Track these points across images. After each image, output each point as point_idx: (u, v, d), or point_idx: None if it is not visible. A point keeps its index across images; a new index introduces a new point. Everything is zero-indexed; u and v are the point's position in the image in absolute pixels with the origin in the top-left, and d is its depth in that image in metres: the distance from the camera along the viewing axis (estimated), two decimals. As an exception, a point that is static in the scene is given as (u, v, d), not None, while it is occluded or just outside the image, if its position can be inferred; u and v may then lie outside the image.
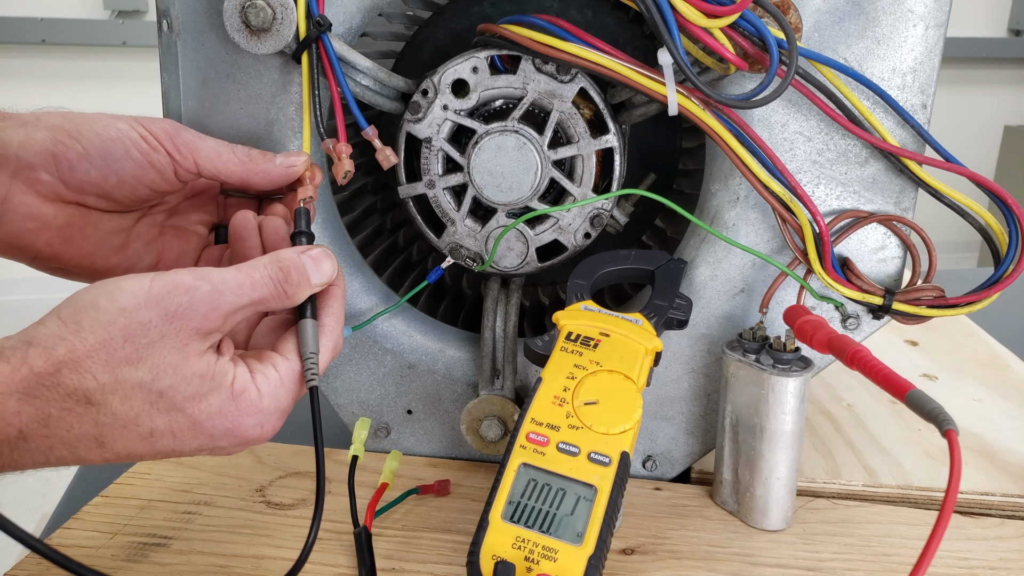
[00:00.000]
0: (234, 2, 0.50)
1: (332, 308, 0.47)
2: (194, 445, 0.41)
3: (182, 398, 0.39)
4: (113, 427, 0.38)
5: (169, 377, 0.39)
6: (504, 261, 0.60)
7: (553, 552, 0.43)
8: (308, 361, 0.44)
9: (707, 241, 0.58)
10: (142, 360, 0.38)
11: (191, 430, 0.40)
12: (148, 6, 3.11)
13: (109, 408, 0.38)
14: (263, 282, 0.43)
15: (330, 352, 0.46)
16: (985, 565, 0.53)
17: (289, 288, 0.44)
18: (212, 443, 0.41)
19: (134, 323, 0.38)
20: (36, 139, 0.46)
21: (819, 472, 0.63)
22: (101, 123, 0.47)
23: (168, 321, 0.39)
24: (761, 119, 0.54)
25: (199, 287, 0.40)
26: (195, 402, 0.40)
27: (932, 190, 0.53)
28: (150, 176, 0.49)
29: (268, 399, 0.42)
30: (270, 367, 0.43)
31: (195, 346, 0.40)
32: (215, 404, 0.40)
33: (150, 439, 0.39)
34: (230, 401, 0.41)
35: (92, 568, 0.38)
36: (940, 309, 0.54)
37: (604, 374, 0.49)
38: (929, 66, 0.53)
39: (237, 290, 0.41)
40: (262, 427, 0.42)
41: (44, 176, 0.46)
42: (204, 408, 0.40)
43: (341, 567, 0.52)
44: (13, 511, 0.35)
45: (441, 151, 0.57)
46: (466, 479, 0.62)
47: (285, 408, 0.43)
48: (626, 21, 0.61)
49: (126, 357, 0.38)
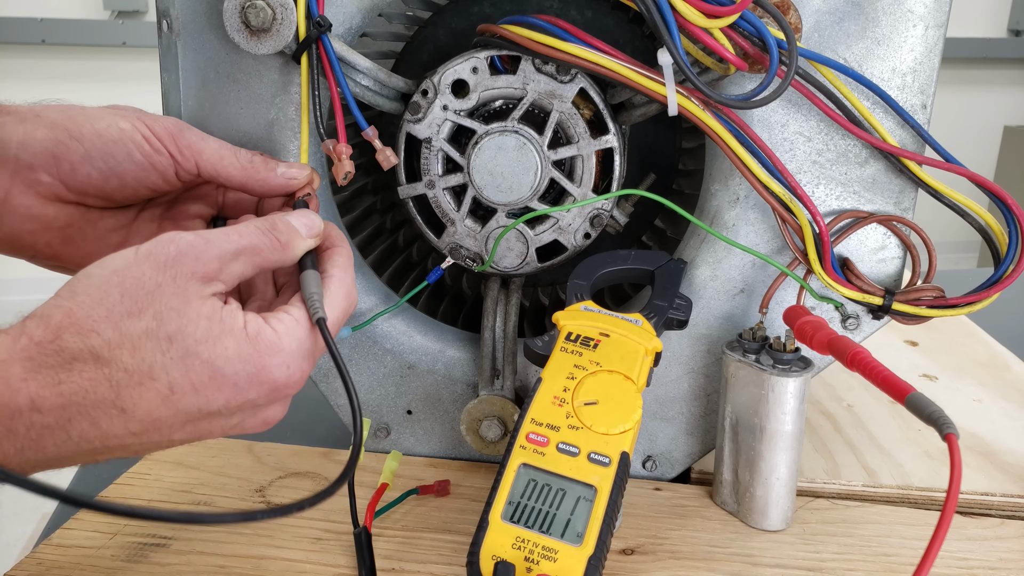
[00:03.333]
0: (234, 2, 0.50)
1: (337, 260, 0.46)
2: (220, 401, 0.38)
3: (193, 341, 0.37)
4: (129, 385, 0.36)
5: (175, 320, 0.37)
6: (504, 261, 0.60)
7: (553, 552, 0.43)
8: (310, 300, 0.42)
9: (707, 241, 0.58)
10: (143, 310, 0.37)
11: (212, 380, 0.38)
12: (148, 6, 3.11)
13: (120, 363, 0.36)
14: (250, 231, 0.42)
15: (342, 298, 0.45)
16: (985, 565, 0.53)
17: (280, 235, 0.43)
18: (241, 396, 0.39)
19: (128, 279, 0.37)
20: (36, 138, 0.45)
21: (819, 472, 0.63)
22: (103, 122, 0.46)
23: (162, 270, 0.38)
24: (761, 119, 0.54)
25: (184, 236, 0.39)
26: (208, 345, 0.37)
27: (932, 190, 0.53)
28: (151, 178, 0.48)
29: (287, 338, 0.40)
30: (282, 312, 0.41)
31: (195, 290, 0.38)
32: (231, 347, 0.38)
33: (171, 397, 0.37)
34: (247, 343, 0.39)
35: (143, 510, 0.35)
36: (940, 309, 0.54)
37: (604, 374, 0.49)
38: (929, 66, 0.53)
39: (223, 236, 0.40)
40: (288, 368, 0.40)
41: (44, 177, 0.46)
42: (220, 351, 0.38)
43: (341, 567, 0.52)
44: (13, 511, 0.35)
45: (441, 151, 0.57)
46: (466, 479, 0.62)
47: (308, 349, 0.41)
48: (626, 21, 0.61)
49: (126, 310, 0.36)
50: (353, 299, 0.46)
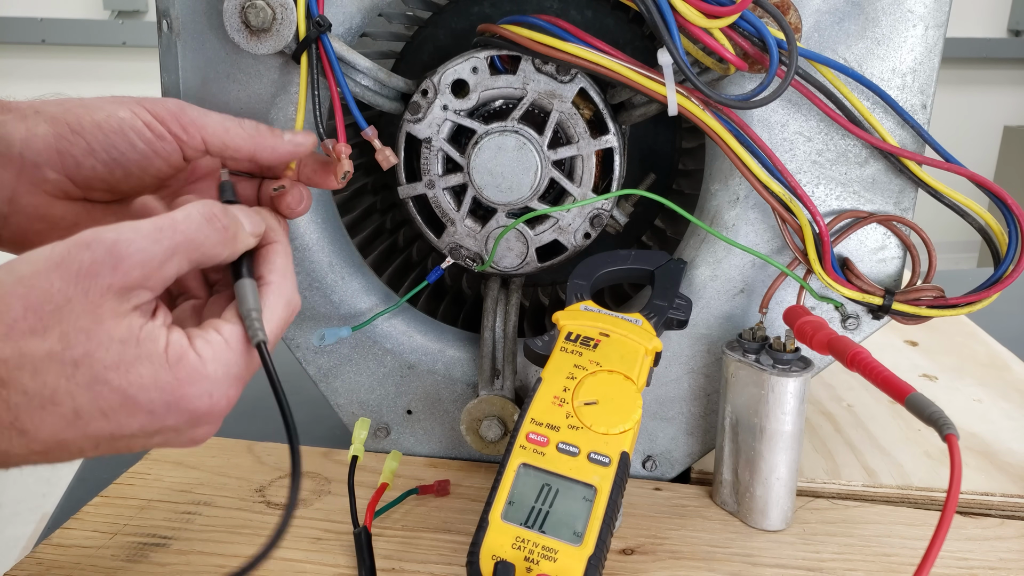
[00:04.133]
0: (234, 2, 0.50)
1: (276, 264, 0.42)
2: (135, 426, 0.35)
3: (102, 367, 0.34)
4: (29, 409, 0.33)
5: (82, 344, 0.33)
6: (504, 261, 0.60)
7: (553, 552, 0.43)
8: (248, 318, 0.39)
9: (707, 241, 0.58)
10: (48, 329, 0.33)
11: (124, 407, 0.35)
12: (148, 6, 3.11)
13: (19, 386, 0.33)
14: (189, 219, 0.38)
15: (282, 308, 0.41)
16: (985, 565, 0.53)
17: (227, 224, 0.39)
18: (157, 422, 0.36)
19: (34, 291, 0.33)
20: (39, 135, 0.44)
21: (819, 472, 0.63)
22: (102, 113, 0.45)
23: (73, 282, 0.34)
24: (761, 119, 0.54)
25: (103, 239, 0.35)
26: (120, 372, 0.34)
27: (932, 190, 0.53)
28: (156, 165, 0.46)
29: (213, 364, 0.37)
30: (212, 331, 0.38)
31: (110, 306, 0.34)
32: (147, 374, 0.35)
33: (77, 421, 0.34)
34: (165, 369, 0.35)
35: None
36: (940, 309, 0.54)
37: (604, 374, 0.49)
38: (929, 66, 0.53)
39: (154, 235, 0.36)
40: (211, 396, 0.37)
41: (50, 174, 0.45)
42: (134, 379, 0.34)
43: (341, 567, 0.52)
44: (13, 511, 0.35)
45: (441, 151, 0.57)
46: (466, 479, 0.62)
47: (236, 374, 0.38)
48: (626, 21, 0.61)
49: (29, 327, 0.33)
50: (294, 307, 0.43)
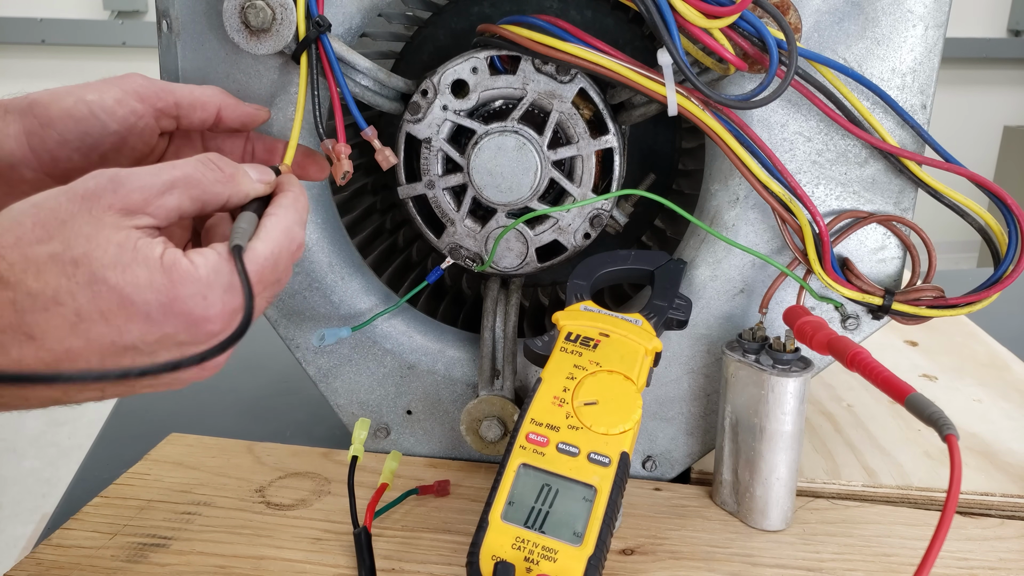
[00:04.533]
0: (234, 2, 0.50)
1: (281, 201, 0.43)
2: (135, 333, 0.36)
3: (100, 265, 0.35)
4: (33, 310, 0.35)
5: (82, 245, 0.35)
6: (504, 261, 0.60)
7: (553, 552, 0.43)
8: (233, 231, 0.40)
9: (707, 241, 0.58)
10: (52, 237, 0.35)
11: (121, 308, 0.36)
12: (148, 6, 3.11)
13: (24, 287, 0.35)
14: (188, 162, 0.40)
15: (280, 233, 0.42)
16: (985, 565, 0.53)
17: (224, 167, 0.41)
18: (156, 329, 0.36)
19: (44, 209, 0.36)
20: (10, 135, 0.44)
21: (819, 472, 0.63)
22: (70, 99, 0.45)
23: (78, 202, 0.36)
24: (761, 119, 0.54)
25: (106, 171, 0.37)
26: (117, 271, 0.35)
27: (932, 190, 0.53)
28: (131, 144, 0.47)
29: (204, 269, 0.37)
30: (206, 248, 0.39)
31: (111, 220, 0.36)
32: (142, 275, 0.36)
33: (79, 324, 0.35)
34: (160, 272, 0.36)
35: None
36: (940, 309, 0.54)
37: (604, 374, 0.49)
38: (929, 66, 0.53)
39: (154, 170, 0.38)
40: (205, 298, 0.37)
41: (28, 173, 0.45)
42: (130, 279, 0.36)
43: (341, 567, 0.52)
44: (13, 511, 0.35)
45: (441, 151, 0.57)
46: (466, 479, 0.62)
47: (229, 283, 0.38)
48: (626, 21, 0.61)
49: (36, 237, 0.35)
50: (294, 237, 0.43)
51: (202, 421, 0.73)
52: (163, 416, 0.75)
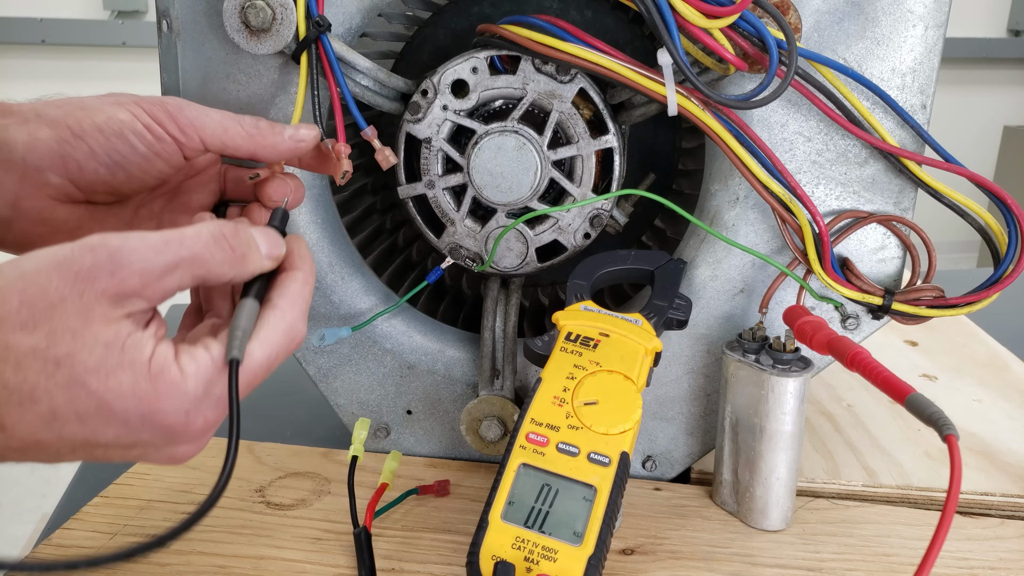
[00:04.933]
0: (234, 2, 0.50)
1: (289, 289, 0.42)
2: (110, 435, 0.35)
3: (83, 369, 0.34)
4: (8, 404, 0.33)
5: (67, 344, 0.34)
6: (504, 261, 0.60)
7: (553, 552, 0.43)
8: (231, 335, 0.38)
9: (707, 241, 0.58)
10: (38, 325, 0.33)
11: (99, 413, 0.35)
12: (148, 6, 3.11)
13: (1, 379, 0.33)
14: (198, 236, 0.37)
15: (281, 335, 0.40)
16: (985, 565, 0.53)
17: (238, 244, 0.39)
18: (131, 435, 0.36)
19: (32, 286, 0.34)
20: (41, 139, 0.44)
21: (819, 472, 0.63)
22: (102, 116, 0.45)
23: (70, 283, 0.34)
24: (761, 119, 0.54)
25: (108, 244, 0.35)
26: (99, 377, 0.34)
27: (932, 190, 0.53)
28: (157, 166, 0.46)
29: (193, 380, 0.36)
30: (200, 349, 0.37)
31: (102, 311, 0.34)
32: (126, 382, 0.34)
33: (53, 422, 0.34)
34: (145, 380, 0.35)
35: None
36: (940, 309, 0.54)
37: (604, 374, 0.49)
38: (929, 66, 0.53)
39: (159, 247, 0.36)
40: (187, 415, 0.36)
41: (53, 179, 0.45)
42: (112, 386, 0.34)
43: (341, 567, 0.52)
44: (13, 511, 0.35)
45: (441, 151, 0.57)
46: (466, 479, 0.62)
47: (218, 395, 0.37)
48: (626, 21, 0.61)
49: (21, 322, 0.33)
50: (296, 336, 0.41)
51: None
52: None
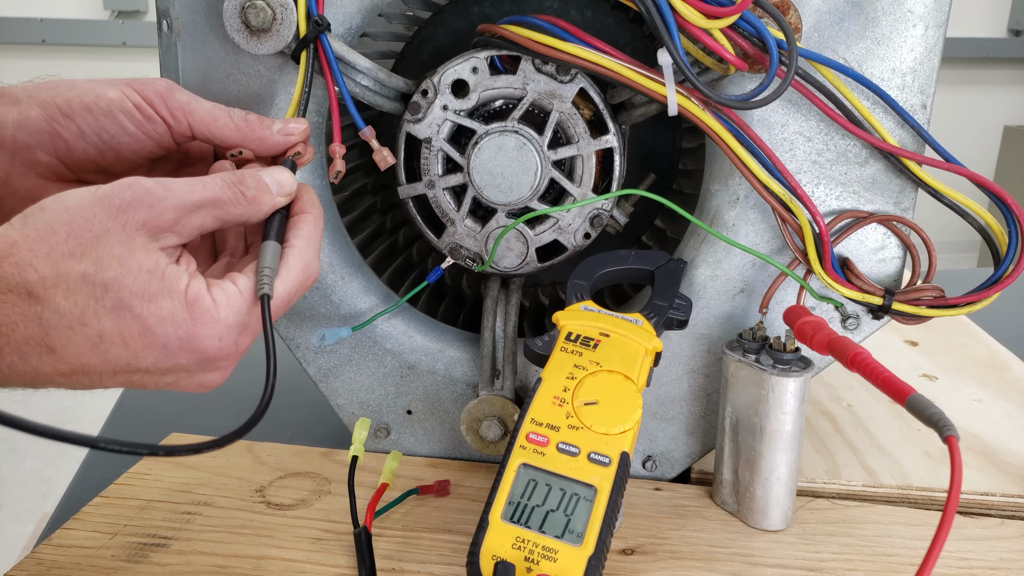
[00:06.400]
0: (234, 2, 0.50)
1: (303, 231, 0.45)
2: (150, 359, 0.38)
3: (128, 293, 0.37)
4: (59, 327, 0.36)
5: (114, 269, 0.37)
6: (504, 261, 0.60)
7: (553, 552, 0.43)
8: (261, 273, 0.42)
9: (707, 241, 0.58)
10: (86, 253, 0.36)
11: (142, 336, 0.38)
12: (148, 6, 3.11)
13: (52, 304, 0.36)
14: (214, 182, 0.41)
15: (299, 271, 0.44)
16: (985, 565, 0.53)
17: (247, 190, 0.42)
18: (169, 359, 0.39)
19: (78, 218, 0.37)
20: (31, 118, 0.45)
21: (819, 472, 0.63)
22: (91, 95, 0.46)
23: (113, 215, 0.37)
24: (761, 119, 0.54)
25: (143, 182, 0.39)
26: (143, 301, 0.37)
27: (932, 190, 0.53)
28: (147, 147, 0.47)
29: (225, 309, 0.40)
30: (228, 282, 0.41)
31: (142, 241, 0.38)
32: (166, 308, 0.38)
33: (100, 345, 0.37)
34: (183, 307, 0.38)
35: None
36: (940, 309, 0.54)
37: (604, 374, 0.49)
38: (929, 66, 0.53)
39: (186, 188, 0.40)
40: (220, 340, 0.40)
41: (43, 157, 0.45)
42: (154, 310, 0.38)
43: (341, 567, 0.52)
44: (13, 511, 0.35)
45: (441, 151, 0.57)
46: (466, 479, 0.62)
47: (246, 323, 0.41)
48: (626, 21, 0.61)
49: (69, 251, 0.36)
50: (312, 272, 0.45)
51: (202, 421, 0.72)
52: (163, 416, 0.75)
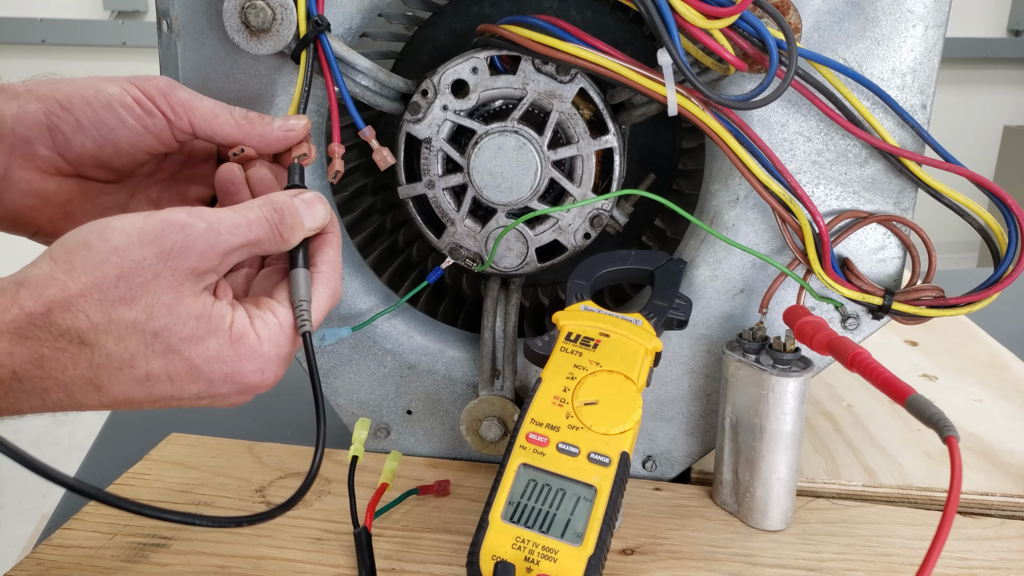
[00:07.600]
0: (234, 2, 0.50)
1: (327, 255, 0.46)
2: (193, 391, 0.40)
3: (178, 339, 0.38)
4: (108, 369, 0.37)
5: (164, 317, 0.38)
6: (504, 261, 0.60)
7: (553, 552, 0.43)
8: (299, 308, 0.43)
9: (707, 241, 0.58)
10: (136, 300, 0.37)
11: (189, 374, 0.39)
12: (148, 6, 3.11)
13: (103, 349, 0.37)
14: (258, 222, 0.42)
15: (327, 299, 0.45)
16: (985, 565, 0.53)
17: (284, 230, 0.43)
18: (211, 389, 0.40)
19: (127, 262, 0.37)
20: (30, 112, 0.45)
21: (819, 472, 0.63)
22: (91, 90, 0.46)
23: (163, 260, 0.38)
24: (761, 119, 0.54)
25: (195, 225, 0.39)
26: (192, 344, 0.39)
27: (932, 190, 0.53)
28: (147, 141, 0.47)
29: (268, 344, 0.41)
30: (268, 313, 0.42)
31: (190, 286, 0.39)
32: (213, 348, 0.39)
33: (146, 383, 0.38)
34: (228, 345, 0.40)
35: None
36: (940, 309, 0.54)
37: (604, 374, 0.49)
38: (929, 66, 0.53)
39: (233, 229, 0.40)
40: (263, 373, 0.41)
41: (42, 150, 0.46)
42: (202, 351, 0.39)
43: (341, 567, 0.52)
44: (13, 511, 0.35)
45: (441, 151, 0.57)
46: (466, 479, 0.62)
47: (286, 355, 0.43)
48: (626, 21, 0.61)
49: (119, 296, 0.37)
50: (337, 297, 0.46)
51: (202, 421, 0.72)
52: (163, 416, 0.75)
